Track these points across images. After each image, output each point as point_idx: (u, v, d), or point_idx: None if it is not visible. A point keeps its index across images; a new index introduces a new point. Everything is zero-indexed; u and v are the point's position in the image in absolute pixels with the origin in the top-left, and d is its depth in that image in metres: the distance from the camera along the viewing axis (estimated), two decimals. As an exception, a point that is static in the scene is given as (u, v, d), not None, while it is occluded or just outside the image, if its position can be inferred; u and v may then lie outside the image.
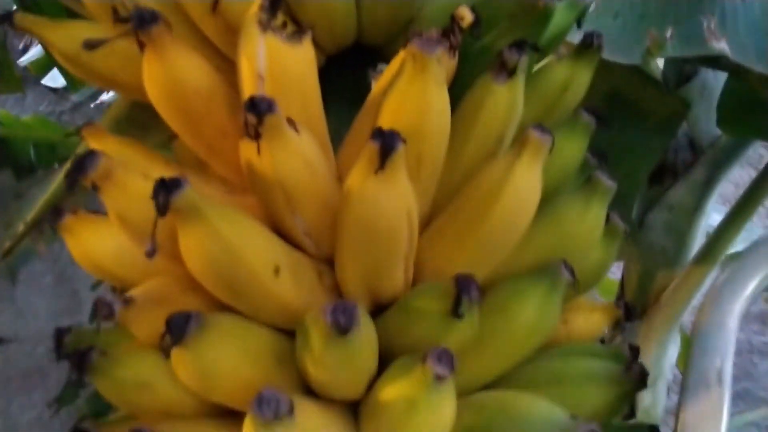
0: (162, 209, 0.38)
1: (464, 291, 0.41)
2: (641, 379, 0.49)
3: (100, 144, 0.54)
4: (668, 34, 0.76)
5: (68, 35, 0.56)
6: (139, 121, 0.70)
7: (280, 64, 0.45)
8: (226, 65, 0.52)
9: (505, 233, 0.46)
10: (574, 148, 0.54)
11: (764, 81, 0.78)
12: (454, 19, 0.49)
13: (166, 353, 0.40)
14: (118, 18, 0.46)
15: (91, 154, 0.41)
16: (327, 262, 0.50)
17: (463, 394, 0.46)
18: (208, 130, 0.49)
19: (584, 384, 0.50)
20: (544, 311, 0.47)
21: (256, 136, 0.40)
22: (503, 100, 0.49)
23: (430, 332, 0.43)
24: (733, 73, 0.95)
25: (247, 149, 0.42)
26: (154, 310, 0.45)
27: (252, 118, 0.39)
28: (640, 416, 0.88)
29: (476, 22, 0.52)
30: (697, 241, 1.12)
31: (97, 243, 0.51)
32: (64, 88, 2.19)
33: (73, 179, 0.41)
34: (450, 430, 0.43)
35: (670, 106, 1.03)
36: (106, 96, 1.63)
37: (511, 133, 0.52)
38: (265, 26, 0.44)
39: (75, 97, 1.88)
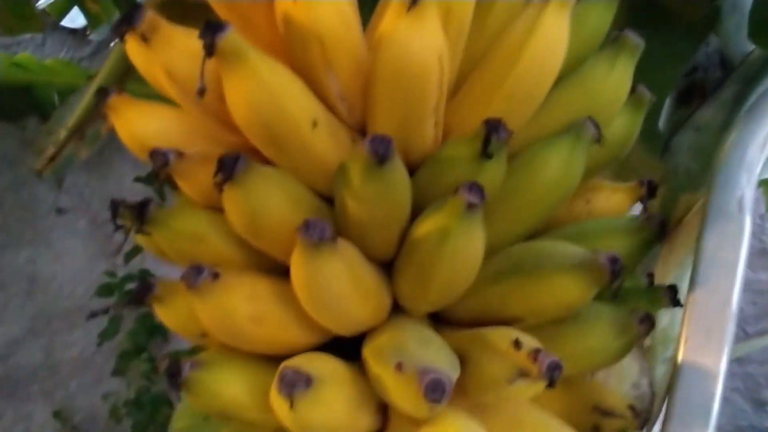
0: (209, 50, 0.40)
1: (493, 131, 0.43)
2: (662, 228, 0.51)
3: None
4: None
5: None
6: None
7: None
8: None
9: (532, 84, 0.47)
10: (600, 16, 0.54)
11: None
12: None
13: (219, 188, 0.43)
14: None
15: (137, 7, 0.43)
16: (359, 131, 0.52)
17: (490, 253, 0.49)
18: (244, -1, 0.50)
19: (605, 236, 0.52)
20: (569, 164, 0.49)
21: (294, -20, 0.42)
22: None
23: (461, 176, 0.45)
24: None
25: (282, 1, 0.44)
26: (204, 165, 0.48)
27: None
28: (658, 335, 0.90)
29: None
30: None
31: (142, 122, 0.54)
32: (84, 32, 2.21)
33: (122, 30, 0.43)
34: (479, 264, 0.46)
35: (701, 11, 1.00)
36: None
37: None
38: None
39: (95, 37, 1.89)
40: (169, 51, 0.45)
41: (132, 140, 0.55)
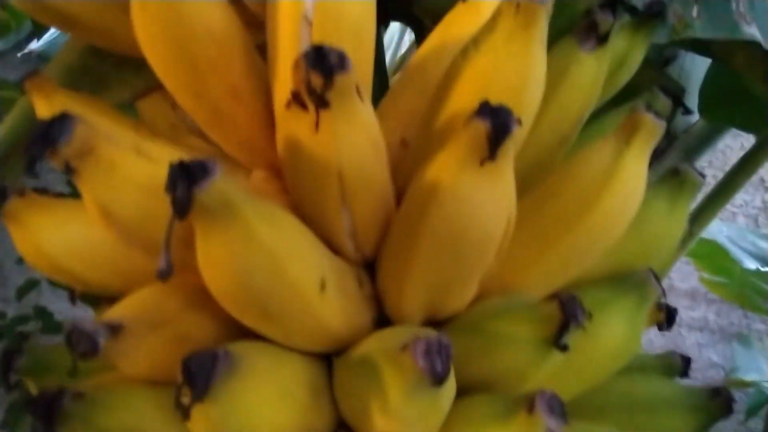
0: (181, 207, 0.26)
1: (572, 317, 0.32)
2: (729, 405, 0.43)
3: (51, 103, 0.40)
4: (694, 13, 0.71)
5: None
6: (96, 72, 0.54)
7: (336, 4, 0.32)
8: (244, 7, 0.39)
9: (602, 237, 0.38)
10: None
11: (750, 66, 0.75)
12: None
13: (184, 413, 0.28)
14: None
15: (62, 119, 0.28)
16: (366, 267, 0.40)
17: None
18: (217, 89, 0.36)
19: (661, 411, 0.43)
20: (632, 330, 0.40)
21: (320, 105, 0.28)
22: (589, 72, 0.41)
23: (518, 363, 0.34)
24: (719, 59, 0.92)
25: (295, 123, 0.31)
26: (150, 336, 0.33)
27: (317, 79, 0.27)
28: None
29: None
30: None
31: (53, 234, 0.38)
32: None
33: (36, 156, 0.27)
34: None
35: (660, 83, 1.00)
36: (36, 45, 1.36)
37: (586, 115, 0.44)
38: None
39: (0, 45, 1.57)
40: (107, 183, 0.30)
41: (36, 257, 0.39)
